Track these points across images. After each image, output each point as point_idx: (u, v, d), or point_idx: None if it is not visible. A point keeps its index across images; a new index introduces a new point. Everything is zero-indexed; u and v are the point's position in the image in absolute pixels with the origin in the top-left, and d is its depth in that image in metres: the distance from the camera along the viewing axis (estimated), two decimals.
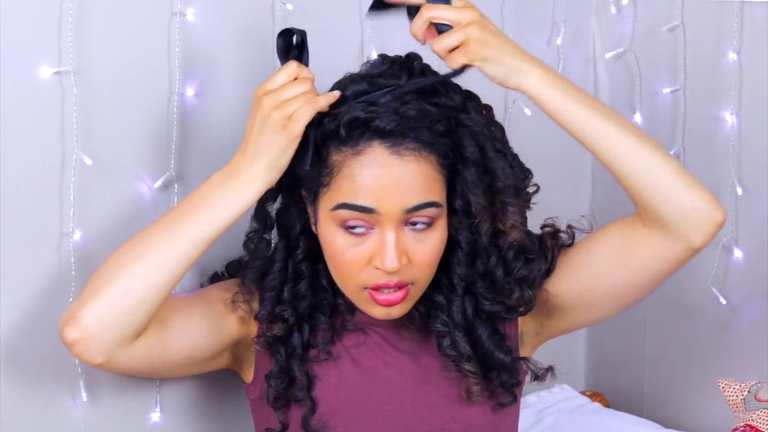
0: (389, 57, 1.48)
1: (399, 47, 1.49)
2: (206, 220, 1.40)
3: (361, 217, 1.40)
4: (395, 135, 1.39)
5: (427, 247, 1.43)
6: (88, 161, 1.53)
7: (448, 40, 1.39)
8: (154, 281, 1.38)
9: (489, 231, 1.45)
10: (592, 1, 2.16)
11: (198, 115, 1.64)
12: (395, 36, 1.49)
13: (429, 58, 1.47)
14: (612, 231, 1.51)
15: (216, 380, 1.70)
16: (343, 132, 1.39)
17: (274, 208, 1.52)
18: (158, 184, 1.60)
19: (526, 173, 1.49)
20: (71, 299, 1.53)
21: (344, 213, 1.40)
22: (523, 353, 1.58)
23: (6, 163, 1.49)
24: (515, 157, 1.48)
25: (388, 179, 1.39)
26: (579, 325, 1.61)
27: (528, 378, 1.57)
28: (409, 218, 1.41)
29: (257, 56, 1.70)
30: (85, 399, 1.56)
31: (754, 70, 1.93)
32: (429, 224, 1.42)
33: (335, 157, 1.41)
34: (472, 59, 1.39)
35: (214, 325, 1.49)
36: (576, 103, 1.42)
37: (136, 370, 1.46)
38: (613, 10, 2.13)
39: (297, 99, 1.37)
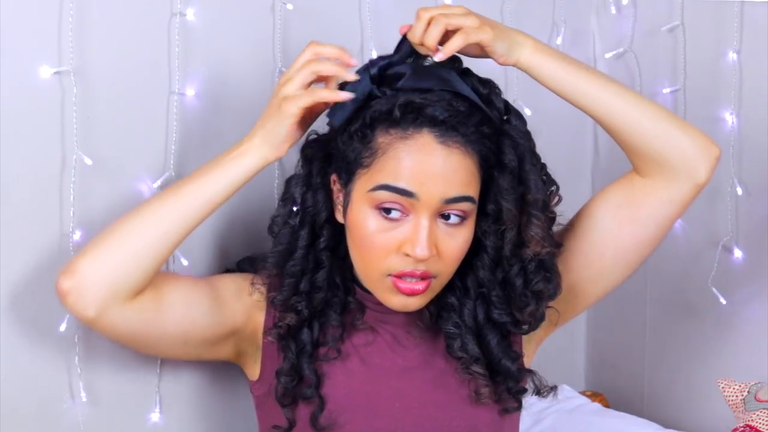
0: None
1: None
2: (204, 182, 1.45)
3: (400, 200, 1.41)
4: (446, 126, 1.41)
5: (456, 242, 1.44)
6: (88, 161, 1.53)
7: (469, 20, 1.42)
8: (151, 237, 1.42)
9: (513, 239, 1.47)
10: (592, 1, 2.16)
11: (198, 115, 1.64)
12: (395, 36, 1.49)
13: None
14: (610, 192, 1.55)
15: (216, 379, 1.70)
16: (397, 113, 1.40)
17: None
18: (157, 184, 1.60)
19: (554, 185, 1.51)
20: None
21: (383, 194, 1.41)
22: (528, 349, 1.59)
23: (6, 163, 1.49)
24: (544, 167, 1.50)
25: (432, 166, 1.40)
26: (589, 301, 1.61)
27: (530, 389, 1.57)
28: (445, 209, 1.42)
29: (257, 56, 1.70)
30: (84, 399, 1.56)
31: (754, 70, 1.92)
32: (461, 219, 1.43)
33: (381, 139, 1.42)
34: (487, 36, 1.42)
35: (216, 308, 1.50)
36: (569, 65, 1.48)
37: (131, 334, 1.45)
38: (613, 10, 2.13)
39: (298, 90, 1.41)
